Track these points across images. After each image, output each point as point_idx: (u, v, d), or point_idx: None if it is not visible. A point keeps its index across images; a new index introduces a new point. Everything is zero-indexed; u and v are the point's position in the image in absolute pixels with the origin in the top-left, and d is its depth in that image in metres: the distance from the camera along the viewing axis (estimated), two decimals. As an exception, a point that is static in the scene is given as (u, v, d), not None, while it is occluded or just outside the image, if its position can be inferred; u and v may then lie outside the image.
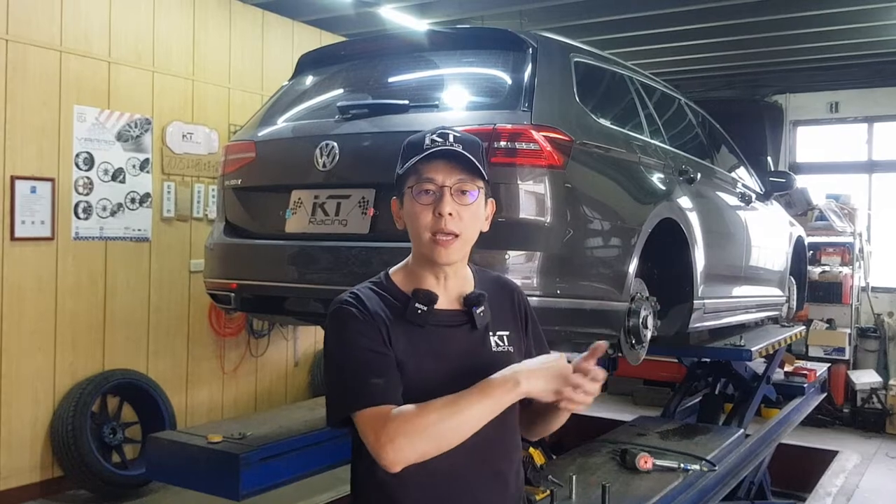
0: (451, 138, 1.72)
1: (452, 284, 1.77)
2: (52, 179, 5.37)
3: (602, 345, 1.66)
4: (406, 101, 3.22)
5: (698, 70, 8.98)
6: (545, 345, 1.91)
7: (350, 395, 1.64)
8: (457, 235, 1.69)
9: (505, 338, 1.78)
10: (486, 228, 1.79)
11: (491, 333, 1.77)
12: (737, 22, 6.93)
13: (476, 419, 1.59)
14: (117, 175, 5.78)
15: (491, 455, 1.74)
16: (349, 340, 1.67)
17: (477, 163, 1.70)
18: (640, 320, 3.40)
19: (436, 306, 1.73)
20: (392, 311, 1.71)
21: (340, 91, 3.73)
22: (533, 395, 1.62)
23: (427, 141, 1.72)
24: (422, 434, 1.56)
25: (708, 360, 5.45)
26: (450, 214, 1.68)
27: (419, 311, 1.70)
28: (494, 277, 1.93)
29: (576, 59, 3.45)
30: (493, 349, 1.76)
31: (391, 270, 1.83)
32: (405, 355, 1.68)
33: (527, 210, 2.90)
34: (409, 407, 1.59)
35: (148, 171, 5.98)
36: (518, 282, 2.30)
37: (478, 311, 1.75)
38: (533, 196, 2.90)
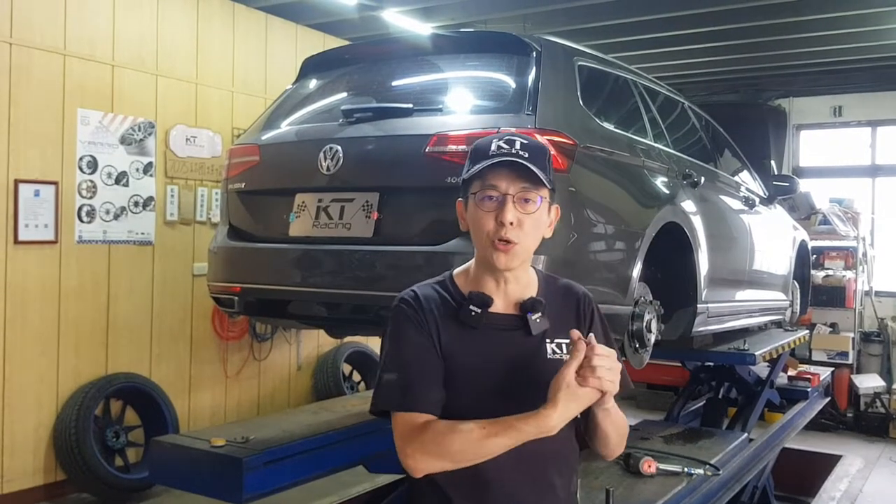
0: (517, 145, 1.72)
1: (512, 289, 1.78)
2: (55, 183, 5.38)
3: (573, 333, 1.65)
4: (410, 105, 3.22)
5: (702, 74, 8.98)
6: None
7: (389, 394, 1.72)
8: (516, 243, 1.70)
9: (563, 346, 1.77)
10: (549, 235, 1.80)
11: (548, 340, 1.76)
12: (740, 26, 6.93)
13: (498, 450, 1.62)
14: (121, 179, 5.79)
15: (540, 464, 1.76)
16: (398, 342, 1.74)
17: (541, 173, 1.70)
18: (644, 324, 3.39)
19: (493, 310, 1.75)
20: (448, 311, 1.75)
21: (344, 95, 3.73)
22: (568, 419, 1.63)
23: (493, 147, 1.73)
24: (442, 456, 1.64)
25: (712, 364, 5.44)
26: (511, 223, 1.69)
27: (472, 313, 1.73)
28: (562, 284, 1.92)
29: (579, 63, 3.45)
30: (549, 356, 1.76)
31: (455, 271, 1.85)
32: (454, 355, 1.71)
33: (531, 214, 2.89)
34: (438, 425, 1.65)
35: (151, 175, 5.99)
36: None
37: (532, 318, 1.75)
38: (537, 200, 2.89)
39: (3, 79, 5.10)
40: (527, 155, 1.71)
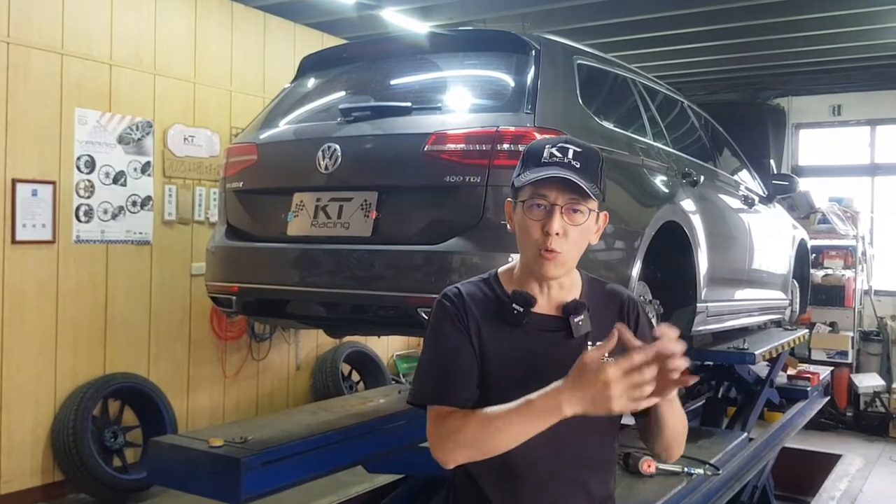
0: (570, 154, 1.72)
1: (556, 292, 1.78)
2: (53, 182, 5.36)
3: (619, 326, 1.54)
4: (409, 104, 3.21)
5: (701, 73, 8.97)
6: None
7: (425, 387, 1.75)
8: (560, 253, 1.70)
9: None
10: (595, 241, 1.80)
11: (590, 343, 1.73)
12: (739, 25, 6.92)
13: (515, 437, 1.60)
14: (118, 178, 5.77)
15: (575, 464, 1.76)
16: (437, 336, 1.75)
17: (590, 185, 1.68)
18: (644, 324, 3.38)
19: (535, 310, 1.74)
20: (490, 309, 1.75)
21: (342, 93, 3.72)
22: (580, 414, 1.54)
23: (546, 154, 1.72)
24: (465, 444, 1.64)
25: (711, 363, 5.42)
26: (557, 234, 1.68)
27: (515, 312, 1.73)
28: (608, 288, 1.91)
29: (579, 62, 3.45)
30: None
31: (500, 269, 1.85)
32: (494, 353, 1.72)
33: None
34: (458, 413, 1.66)
35: (149, 175, 5.97)
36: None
37: (575, 320, 1.74)
38: (536, 199, 2.89)
39: (0, 78, 5.08)
40: (579, 165, 1.70)
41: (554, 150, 1.72)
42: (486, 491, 1.75)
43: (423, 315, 2.80)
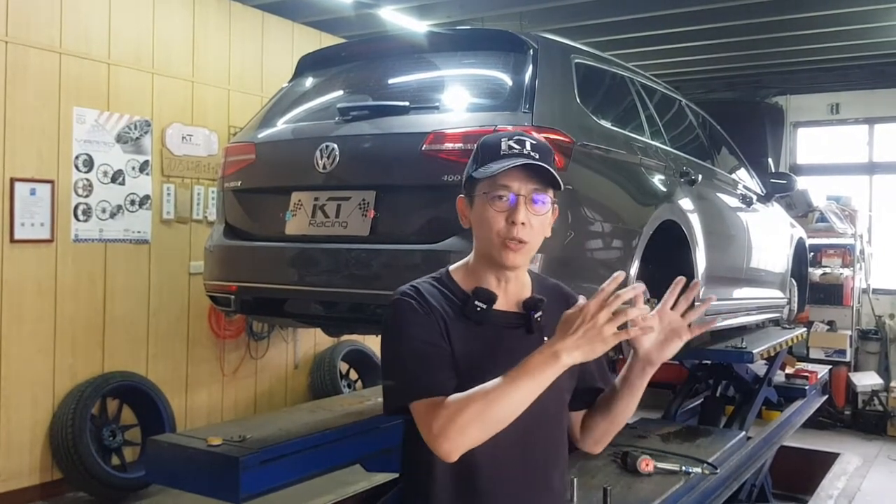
0: (527, 146, 1.72)
1: (512, 288, 1.79)
2: (51, 181, 5.37)
3: (619, 274, 1.63)
4: (406, 103, 3.21)
5: (699, 71, 8.98)
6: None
7: (406, 387, 1.68)
8: (526, 242, 1.71)
9: None
10: (549, 234, 1.81)
11: (546, 339, 1.74)
12: (737, 23, 6.92)
13: (521, 400, 1.57)
14: (117, 177, 5.78)
15: (539, 461, 1.77)
16: (407, 332, 1.70)
17: (556, 174, 1.71)
18: (642, 322, 3.38)
19: (495, 307, 1.75)
20: (451, 308, 1.74)
21: (340, 92, 3.72)
22: (579, 361, 1.57)
23: (503, 146, 1.72)
24: (471, 422, 1.57)
25: (709, 362, 5.43)
26: (522, 223, 1.69)
27: (478, 309, 1.73)
28: (553, 285, 1.94)
29: (576, 61, 3.45)
30: None
31: (451, 268, 1.85)
32: (462, 351, 1.71)
33: (527, 212, 2.88)
34: (455, 397, 1.61)
35: (147, 173, 5.98)
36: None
37: (535, 316, 1.76)
38: (533, 198, 2.89)
39: (-2, 77, 5.09)
40: (537, 156, 1.71)
41: (511, 143, 1.72)
42: (448, 488, 1.73)
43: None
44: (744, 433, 4.69)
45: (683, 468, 3.61)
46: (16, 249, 5.19)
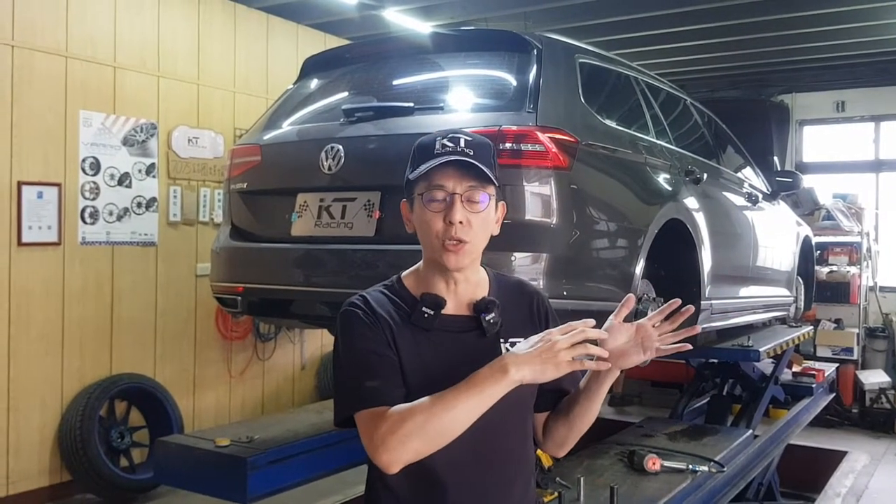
0: (461, 143, 1.69)
1: (463, 290, 1.75)
2: (58, 184, 5.39)
3: (630, 298, 1.66)
4: (411, 104, 3.21)
5: (704, 70, 8.96)
6: None
7: (349, 397, 1.65)
8: (466, 242, 1.68)
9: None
10: (496, 232, 1.78)
11: (503, 340, 1.74)
12: (742, 22, 6.91)
13: (466, 414, 1.54)
14: (123, 180, 5.80)
15: (499, 467, 1.73)
16: (352, 342, 1.68)
17: (487, 170, 1.68)
18: (647, 321, 3.38)
19: (445, 311, 1.71)
20: (400, 315, 1.71)
21: (345, 94, 3.73)
22: (527, 381, 1.55)
23: (437, 146, 1.69)
24: (412, 434, 1.53)
25: (716, 361, 5.43)
26: (460, 223, 1.66)
27: (426, 315, 1.69)
28: (514, 282, 1.91)
29: (581, 60, 3.45)
30: None
31: (403, 274, 1.82)
32: (411, 359, 1.67)
33: (532, 211, 2.89)
34: (399, 407, 1.58)
35: (154, 176, 6.00)
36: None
37: (486, 318, 1.72)
38: (539, 197, 2.90)
39: (5, 81, 5.11)
40: (472, 152, 1.68)
41: (445, 142, 1.70)
42: (407, 499, 1.69)
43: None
44: (751, 431, 4.69)
45: (690, 467, 3.62)
46: (24, 252, 5.21)
